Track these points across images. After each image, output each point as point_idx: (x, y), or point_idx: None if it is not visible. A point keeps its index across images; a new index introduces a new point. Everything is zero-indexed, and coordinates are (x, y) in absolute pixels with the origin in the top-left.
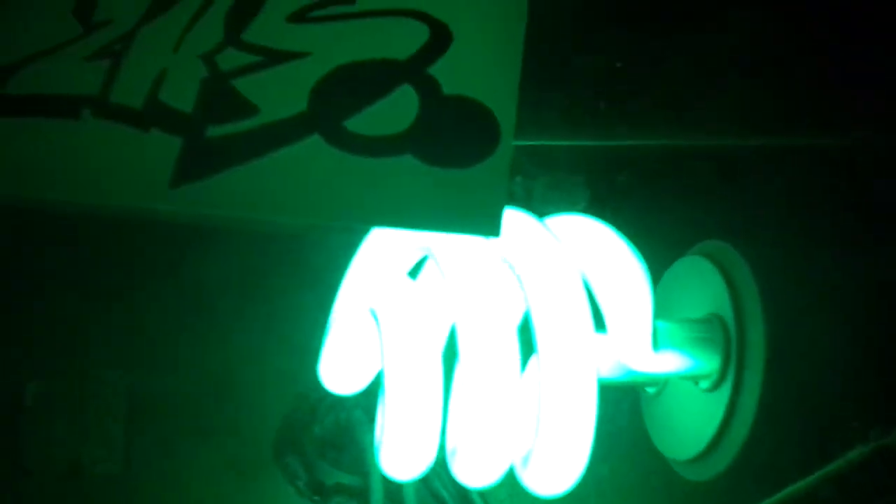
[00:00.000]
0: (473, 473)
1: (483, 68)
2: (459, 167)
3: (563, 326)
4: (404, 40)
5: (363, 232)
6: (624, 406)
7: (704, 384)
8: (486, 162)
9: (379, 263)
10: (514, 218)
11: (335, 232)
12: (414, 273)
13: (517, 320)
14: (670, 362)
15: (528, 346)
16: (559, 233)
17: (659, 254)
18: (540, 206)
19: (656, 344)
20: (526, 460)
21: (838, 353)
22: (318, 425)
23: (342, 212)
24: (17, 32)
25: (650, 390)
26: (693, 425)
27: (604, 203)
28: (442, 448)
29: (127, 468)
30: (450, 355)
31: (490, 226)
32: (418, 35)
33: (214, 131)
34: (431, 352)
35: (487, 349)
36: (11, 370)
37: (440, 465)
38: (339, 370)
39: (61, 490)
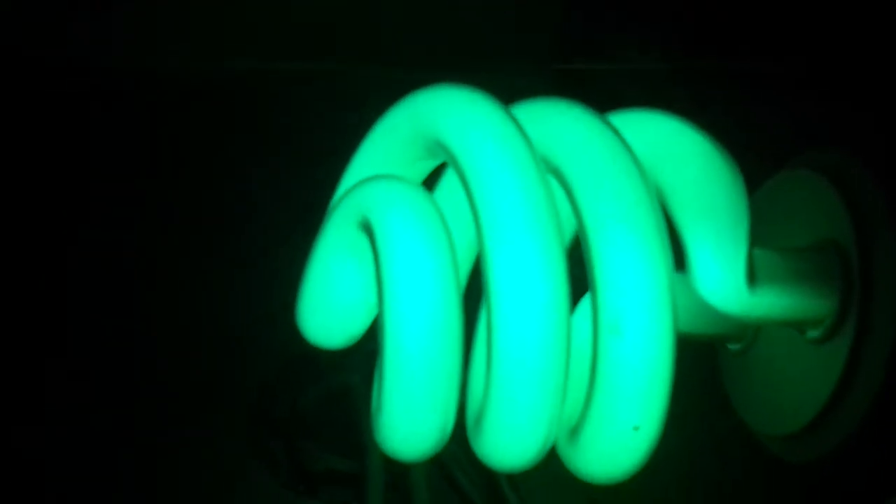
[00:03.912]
0: (502, 452)
1: None
2: None
3: (630, 255)
4: None
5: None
6: (699, 367)
7: (814, 332)
8: None
9: (378, 161)
10: (562, 108)
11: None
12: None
13: (565, 245)
14: (770, 303)
15: (575, 282)
16: (625, 131)
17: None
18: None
19: (752, 278)
20: (574, 435)
21: None
22: (303, 395)
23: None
24: None
25: (732, 347)
26: (795, 390)
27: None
28: (461, 419)
29: None
30: (471, 297)
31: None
32: None
33: None
34: (449, 287)
35: (526, 284)
36: None
37: (458, 442)
38: (328, 315)
39: None
